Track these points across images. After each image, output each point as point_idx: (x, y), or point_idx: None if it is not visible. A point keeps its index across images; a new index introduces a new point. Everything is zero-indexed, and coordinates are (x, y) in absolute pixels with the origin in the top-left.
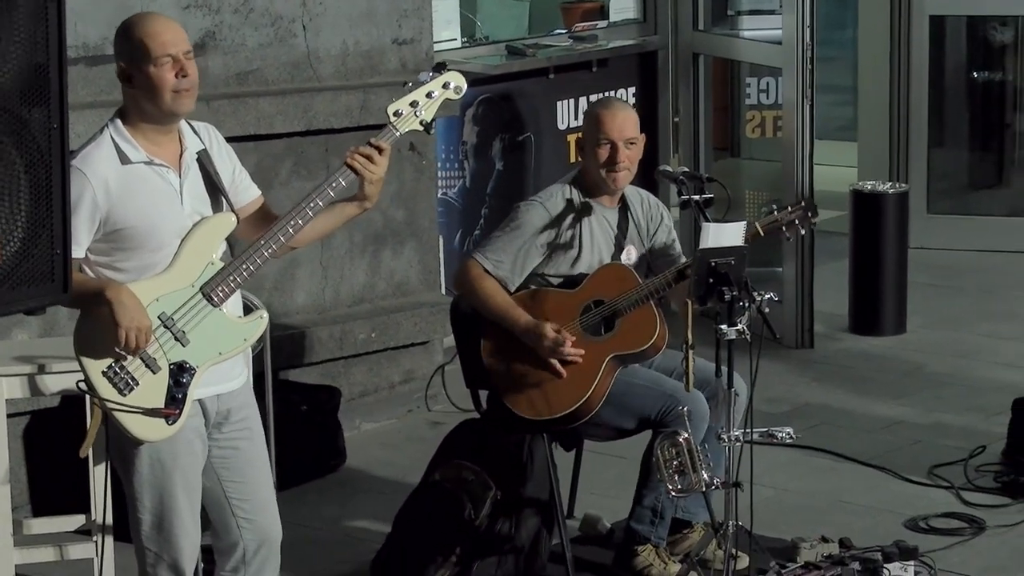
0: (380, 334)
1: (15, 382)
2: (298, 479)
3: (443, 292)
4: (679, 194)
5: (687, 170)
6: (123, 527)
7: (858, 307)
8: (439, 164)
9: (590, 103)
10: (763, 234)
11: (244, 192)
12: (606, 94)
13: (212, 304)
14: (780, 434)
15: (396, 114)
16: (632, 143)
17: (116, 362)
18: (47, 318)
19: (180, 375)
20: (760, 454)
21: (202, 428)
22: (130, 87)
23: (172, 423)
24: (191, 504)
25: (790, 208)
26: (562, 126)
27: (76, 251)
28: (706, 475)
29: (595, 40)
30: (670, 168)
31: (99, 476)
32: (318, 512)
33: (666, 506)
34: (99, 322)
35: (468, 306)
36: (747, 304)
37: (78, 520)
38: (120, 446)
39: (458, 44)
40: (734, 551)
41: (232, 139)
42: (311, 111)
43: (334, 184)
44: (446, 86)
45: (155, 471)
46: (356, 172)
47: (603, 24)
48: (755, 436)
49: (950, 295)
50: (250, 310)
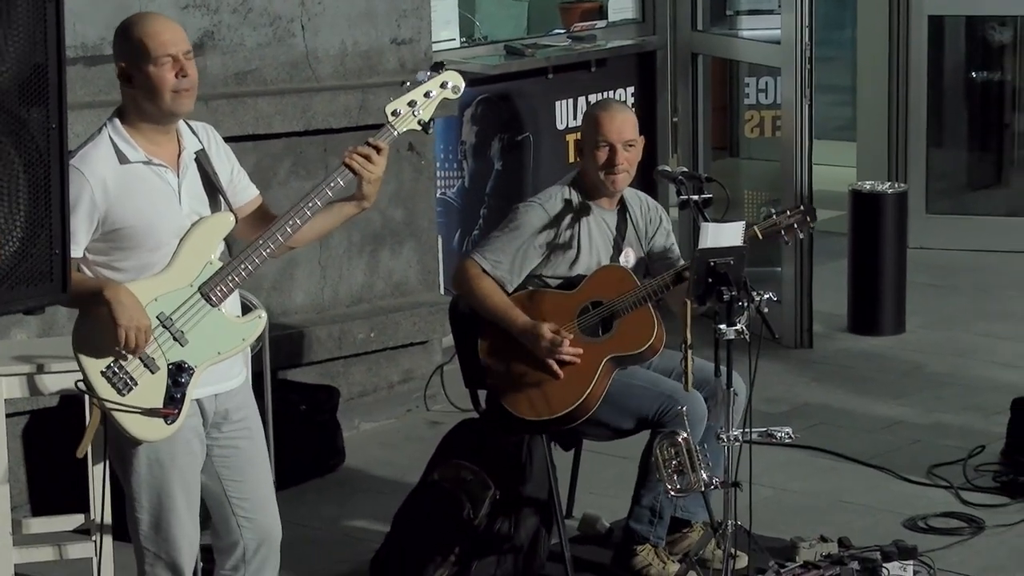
0: (379, 334)
1: (14, 382)
2: (297, 479)
3: (442, 292)
4: (678, 194)
5: (686, 170)
6: (122, 526)
7: (857, 307)
8: (438, 164)
9: (589, 104)
10: (762, 238)
11: (242, 192)
12: (605, 94)
13: (211, 304)
14: (779, 434)
15: (394, 114)
16: (631, 145)
17: (115, 362)
18: (46, 318)
19: (179, 375)
20: (759, 454)
21: (200, 428)
22: (130, 87)
23: (171, 423)
24: (189, 504)
25: (789, 212)
26: (561, 126)
27: (74, 251)
28: (705, 475)
29: (594, 40)
30: (669, 168)
31: (98, 476)
32: (317, 512)
33: (665, 506)
34: (98, 322)
35: (466, 306)
36: (746, 304)
37: (77, 520)
38: (118, 446)
39: (457, 44)
40: (733, 551)
41: (231, 139)
42: (310, 111)
43: (332, 184)
44: (444, 86)
45: (153, 471)
46: (354, 172)
47: (602, 24)
48: (754, 436)
49: (949, 295)
50: (249, 310)
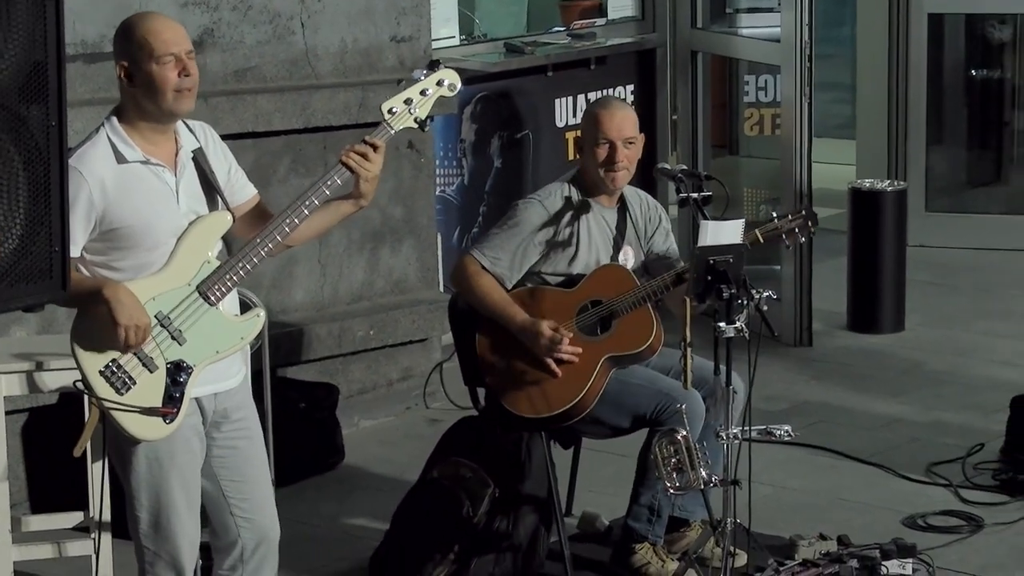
0: (378, 332)
1: (13, 379)
2: (296, 476)
3: (441, 290)
4: (677, 192)
5: (685, 168)
6: (121, 524)
7: (856, 305)
8: (437, 162)
9: (588, 102)
10: (763, 242)
11: (240, 191)
12: (604, 92)
13: (209, 303)
14: (778, 432)
15: (391, 112)
16: (631, 143)
17: (113, 361)
18: (45, 315)
19: (177, 374)
20: (758, 452)
21: (200, 426)
22: (130, 87)
23: (170, 422)
24: (189, 502)
25: (790, 216)
26: (560, 124)
27: (72, 250)
28: (704, 473)
29: (593, 38)
30: (668, 166)
31: (97, 473)
32: (316, 509)
33: (663, 504)
34: (96, 321)
35: (465, 303)
36: (745, 302)
37: (76, 517)
38: (118, 444)
39: (456, 42)
40: (732, 549)
41: (230, 136)
42: (309, 108)
43: (329, 182)
44: (440, 83)
45: (153, 470)
46: (351, 170)
47: (601, 22)
48: (753, 434)
49: (948, 293)
50: (248, 308)
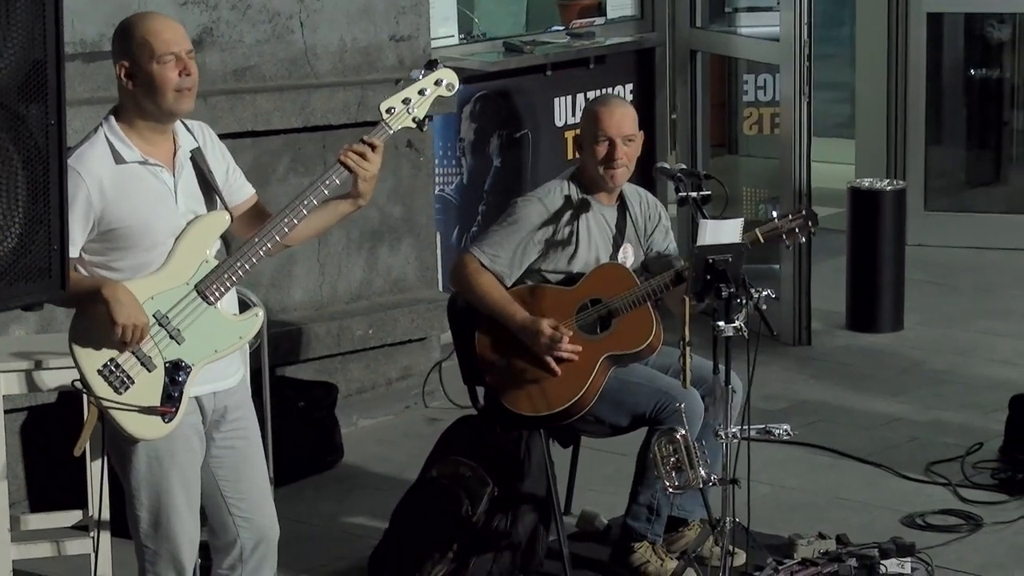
0: (377, 331)
1: (12, 378)
2: (295, 475)
3: (440, 289)
4: (677, 191)
5: (685, 167)
6: (120, 523)
7: (855, 304)
8: (436, 161)
9: (588, 100)
10: (763, 241)
11: (238, 191)
12: (603, 91)
13: (207, 302)
14: (777, 431)
15: (389, 111)
16: (630, 140)
17: (112, 360)
18: (44, 314)
19: (176, 373)
20: (757, 451)
21: (200, 425)
22: (130, 86)
23: (168, 421)
24: (189, 501)
25: (791, 216)
26: (559, 123)
27: (70, 250)
28: (703, 472)
29: (592, 37)
30: (668, 165)
31: (96, 472)
32: (315, 508)
33: (662, 503)
34: (95, 320)
35: (464, 301)
36: (744, 301)
37: (75, 516)
38: (117, 444)
39: (455, 41)
40: (731, 548)
41: (229, 135)
42: (308, 107)
43: (327, 181)
44: (438, 83)
45: (152, 469)
46: (349, 169)
47: (600, 21)
48: (752, 433)
49: (947, 292)
50: (246, 307)
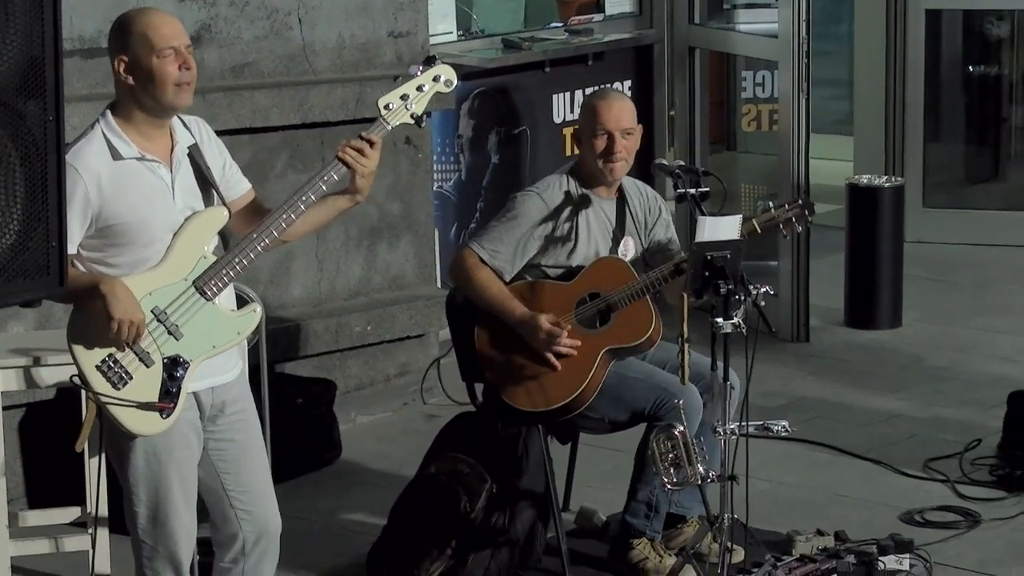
0: (376, 327)
1: (11, 374)
2: (294, 472)
3: (439, 285)
4: (675, 188)
5: (683, 164)
6: (118, 519)
7: (854, 301)
8: (435, 157)
9: (586, 95)
10: (760, 232)
11: (235, 186)
12: (602, 87)
13: (205, 298)
14: (776, 427)
15: (387, 108)
16: (629, 133)
17: (110, 356)
18: (43, 311)
19: (174, 369)
20: (756, 447)
21: (197, 421)
22: (129, 81)
23: (166, 417)
24: (187, 497)
25: (787, 206)
26: (558, 119)
27: (68, 247)
28: (701, 468)
29: (591, 34)
30: (666, 162)
31: (94, 468)
32: (314, 505)
33: (661, 500)
34: (93, 316)
35: (463, 296)
36: (743, 297)
37: (73, 512)
38: (115, 440)
39: (454, 37)
40: (729, 544)
41: (227, 132)
42: (307, 104)
43: (326, 178)
44: (436, 79)
45: (150, 465)
46: (347, 166)
47: (599, 18)
48: (751, 429)
49: (946, 289)
50: (245, 303)
